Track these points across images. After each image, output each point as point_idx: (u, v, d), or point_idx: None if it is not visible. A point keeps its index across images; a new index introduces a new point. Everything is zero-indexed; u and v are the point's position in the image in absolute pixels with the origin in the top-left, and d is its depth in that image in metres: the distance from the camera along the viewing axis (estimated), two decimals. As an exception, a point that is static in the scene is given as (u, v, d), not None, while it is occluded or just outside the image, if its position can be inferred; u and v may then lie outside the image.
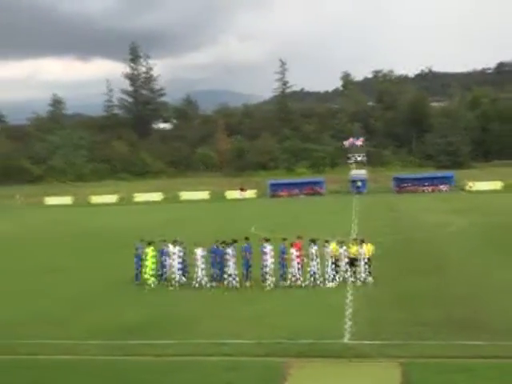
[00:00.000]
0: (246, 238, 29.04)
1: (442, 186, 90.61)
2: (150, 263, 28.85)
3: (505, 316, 21.16)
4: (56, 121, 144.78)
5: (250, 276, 28.19)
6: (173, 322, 22.41)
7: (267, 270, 27.65)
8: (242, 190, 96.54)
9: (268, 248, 27.82)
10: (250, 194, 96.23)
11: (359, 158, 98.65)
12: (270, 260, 27.66)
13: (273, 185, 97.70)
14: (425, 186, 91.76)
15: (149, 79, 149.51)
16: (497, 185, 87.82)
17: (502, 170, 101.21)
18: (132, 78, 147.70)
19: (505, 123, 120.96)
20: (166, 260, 29.25)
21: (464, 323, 20.46)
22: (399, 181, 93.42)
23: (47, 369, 17.93)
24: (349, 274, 27.81)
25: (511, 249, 35.37)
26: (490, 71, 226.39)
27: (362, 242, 28.18)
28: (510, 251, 34.51)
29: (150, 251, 28.99)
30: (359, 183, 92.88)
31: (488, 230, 43.81)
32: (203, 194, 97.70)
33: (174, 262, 28.69)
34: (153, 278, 28.78)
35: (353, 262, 27.97)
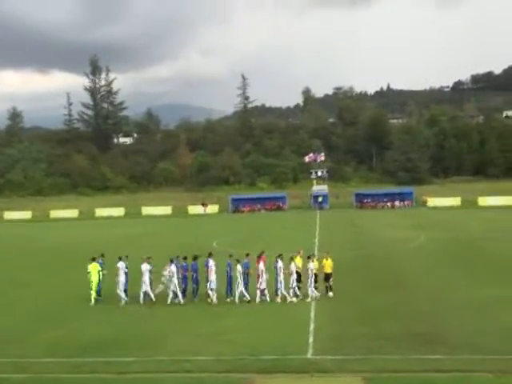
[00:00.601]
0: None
1: (402, 202, 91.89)
2: (94, 279, 28.70)
3: (463, 330, 21.51)
4: (14, 134, 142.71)
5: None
6: (134, 339, 22.17)
7: (212, 285, 27.60)
8: (204, 205, 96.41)
9: (211, 263, 27.79)
10: (211, 209, 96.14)
11: (320, 174, 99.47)
12: (213, 275, 27.60)
13: (234, 200, 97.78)
14: (385, 201, 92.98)
15: (109, 93, 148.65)
16: (456, 201, 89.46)
17: (461, 186, 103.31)
18: (92, 92, 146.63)
19: (462, 140, 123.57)
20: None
21: (424, 337, 20.73)
22: (361, 197, 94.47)
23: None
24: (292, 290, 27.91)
25: (470, 264, 36.02)
26: (447, 89, 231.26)
27: (309, 257, 28.28)
28: (469, 267, 35.14)
29: (92, 267, 28.87)
30: (321, 198, 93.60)
31: (447, 246, 44.54)
32: (165, 209, 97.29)
33: (121, 278, 28.47)
34: (94, 294, 28.61)
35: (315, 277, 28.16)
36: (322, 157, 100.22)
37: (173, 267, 27.86)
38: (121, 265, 28.54)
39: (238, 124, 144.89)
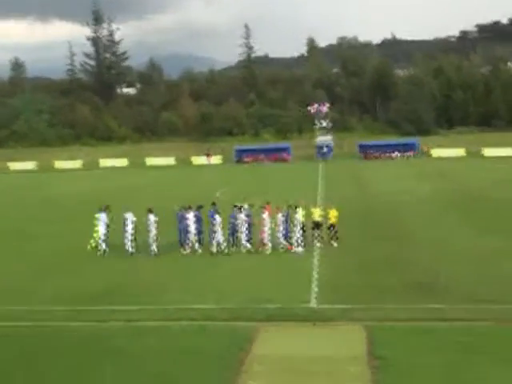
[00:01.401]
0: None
1: (406, 153, 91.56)
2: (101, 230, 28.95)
3: (465, 280, 21.71)
4: (17, 84, 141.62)
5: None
6: (139, 288, 22.48)
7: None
8: (208, 155, 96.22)
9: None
10: (215, 159, 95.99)
11: (324, 124, 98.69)
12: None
13: (238, 150, 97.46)
14: (389, 152, 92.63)
15: (112, 42, 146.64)
16: (460, 151, 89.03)
17: (466, 136, 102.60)
18: (95, 42, 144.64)
19: (468, 91, 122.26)
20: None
21: (426, 287, 20.95)
22: (364, 147, 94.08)
23: (14, 336, 17.88)
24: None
25: (473, 214, 36.10)
26: (453, 39, 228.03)
27: (296, 207, 28.19)
28: (472, 217, 35.23)
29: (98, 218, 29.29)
30: (325, 149, 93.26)
31: (451, 196, 44.53)
32: (169, 160, 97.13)
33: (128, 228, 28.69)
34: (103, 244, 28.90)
35: (317, 226, 28.36)
36: (326, 107, 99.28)
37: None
38: (128, 215, 28.65)
39: (242, 74, 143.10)
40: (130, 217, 28.62)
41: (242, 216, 27.75)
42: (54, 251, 30.12)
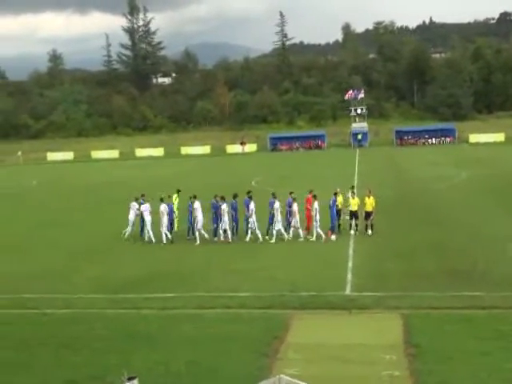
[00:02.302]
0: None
1: (443, 139, 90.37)
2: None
3: (503, 267, 21.32)
4: (55, 76, 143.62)
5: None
6: (174, 275, 22.62)
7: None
8: (242, 143, 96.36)
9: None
10: (250, 147, 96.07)
11: (360, 111, 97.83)
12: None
13: (273, 138, 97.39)
14: (426, 138, 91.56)
15: (147, 33, 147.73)
16: (499, 137, 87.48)
17: (505, 121, 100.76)
18: (130, 32, 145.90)
19: (508, 74, 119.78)
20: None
21: (463, 274, 20.65)
22: (401, 134, 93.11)
23: (55, 322, 18.16)
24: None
25: (510, 200, 35.44)
26: (492, 21, 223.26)
27: (314, 196, 27.79)
28: (509, 202, 34.58)
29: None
30: (360, 136, 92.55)
31: (489, 183, 43.85)
32: (204, 149, 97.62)
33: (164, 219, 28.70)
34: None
35: (355, 215, 28.15)
36: (361, 93, 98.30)
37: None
38: (163, 207, 28.69)
39: (277, 62, 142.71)
40: (164, 207, 28.64)
41: (277, 205, 27.62)
42: (91, 239, 30.51)
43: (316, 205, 27.21)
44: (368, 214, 28.04)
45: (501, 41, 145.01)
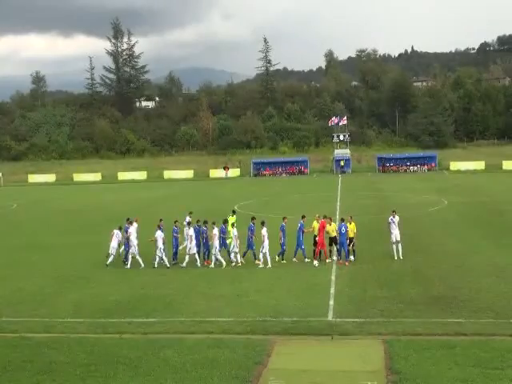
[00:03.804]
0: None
1: (425, 166, 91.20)
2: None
3: (484, 294, 21.47)
4: (38, 98, 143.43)
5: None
6: (156, 300, 22.47)
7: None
8: (225, 168, 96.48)
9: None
10: (233, 172, 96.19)
11: (342, 138, 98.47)
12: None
13: (256, 163, 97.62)
14: (408, 165, 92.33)
15: (131, 56, 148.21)
16: (480, 165, 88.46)
17: (485, 149, 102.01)
18: (114, 56, 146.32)
19: (488, 104, 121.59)
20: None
21: (445, 301, 20.75)
22: (383, 160, 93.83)
23: (34, 347, 17.93)
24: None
25: (492, 228, 35.80)
26: (472, 51, 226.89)
27: (262, 223, 28.08)
28: (491, 231, 34.93)
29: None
30: (343, 162, 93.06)
31: (470, 210, 44.22)
32: (187, 173, 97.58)
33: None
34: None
35: (334, 241, 28.27)
36: (344, 120, 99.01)
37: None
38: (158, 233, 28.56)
39: (260, 87, 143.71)
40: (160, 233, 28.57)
41: (264, 231, 27.70)
42: (72, 263, 30.25)
43: (264, 231, 27.46)
44: (350, 240, 28.15)
45: (481, 70, 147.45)
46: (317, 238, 28.01)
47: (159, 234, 28.29)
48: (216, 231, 27.78)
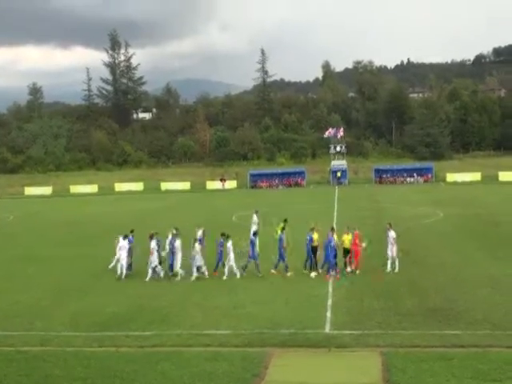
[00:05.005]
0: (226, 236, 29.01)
1: (421, 177, 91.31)
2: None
3: (481, 306, 21.47)
4: (34, 109, 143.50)
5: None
6: (153, 313, 22.41)
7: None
8: (222, 180, 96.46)
9: (229, 244, 27.88)
10: (230, 184, 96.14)
11: (339, 149, 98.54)
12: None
13: (253, 175, 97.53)
14: (404, 177, 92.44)
15: (128, 68, 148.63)
16: (476, 176, 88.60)
17: (481, 161, 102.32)
18: (112, 67, 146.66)
19: (484, 115, 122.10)
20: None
21: (442, 313, 20.74)
22: (380, 172, 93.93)
23: (31, 360, 17.85)
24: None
25: (488, 240, 35.80)
26: (468, 63, 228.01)
27: (227, 237, 28.21)
28: (488, 243, 34.93)
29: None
30: (339, 174, 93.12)
31: (466, 222, 44.25)
32: (184, 185, 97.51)
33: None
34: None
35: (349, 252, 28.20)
36: (341, 132, 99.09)
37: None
38: (153, 244, 28.52)
39: (257, 99, 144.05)
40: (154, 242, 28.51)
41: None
42: (69, 276, 30.14)
43: (229, 244, 27.47)
44: (346, 251, 28.15)
45: (476, 82, 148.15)
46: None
47: (154, 246, 28.30)
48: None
